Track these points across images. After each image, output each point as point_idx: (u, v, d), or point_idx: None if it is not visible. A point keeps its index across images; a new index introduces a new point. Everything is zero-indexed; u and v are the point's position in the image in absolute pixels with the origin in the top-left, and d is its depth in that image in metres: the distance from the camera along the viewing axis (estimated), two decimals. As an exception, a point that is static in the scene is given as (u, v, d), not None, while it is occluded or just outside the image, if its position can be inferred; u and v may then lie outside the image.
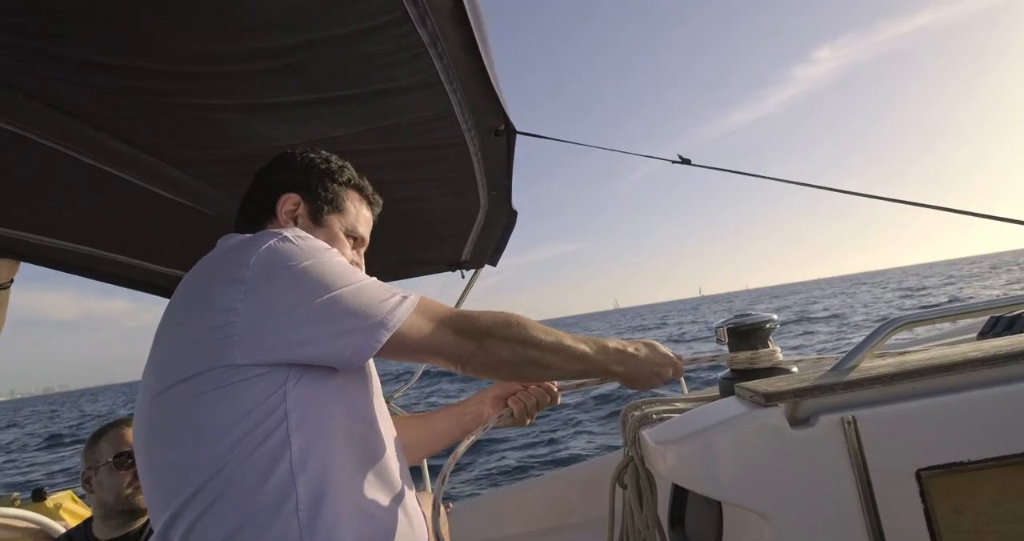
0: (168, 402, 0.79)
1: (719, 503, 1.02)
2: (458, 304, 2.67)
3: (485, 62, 1.08)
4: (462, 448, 1.07)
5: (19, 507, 1.86)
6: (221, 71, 1.02)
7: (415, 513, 0.94)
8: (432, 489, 1.44)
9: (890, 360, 0.87)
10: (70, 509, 2.71)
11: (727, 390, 1.02)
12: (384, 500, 0.87)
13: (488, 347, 0.89)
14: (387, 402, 2.80)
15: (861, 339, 0.85)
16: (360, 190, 1.10)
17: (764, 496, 0.74)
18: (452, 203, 1.88)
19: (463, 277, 2.62)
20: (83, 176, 1.28)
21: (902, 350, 1.03)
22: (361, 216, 1.09)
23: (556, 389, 1.22)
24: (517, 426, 1.20)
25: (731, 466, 0.76)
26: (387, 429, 0.96)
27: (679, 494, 1.35)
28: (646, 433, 1.01)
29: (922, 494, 0.70)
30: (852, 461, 0.71)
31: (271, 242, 0.83)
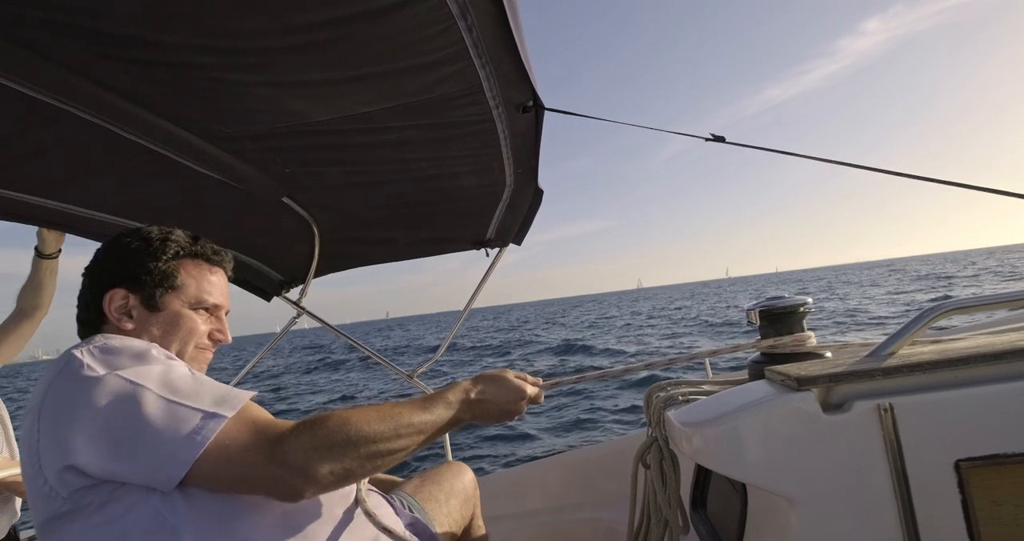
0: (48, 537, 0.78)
1: (744, 486, 1.01)
2: (482, 283, 2.67)
3: (515, 36, 1.06)
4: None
5: None
6: (254, 47, 1.03)
7: None
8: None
9: (931, 347, 0.84)
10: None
11: (757, 374, 1.00)
12: None
13: (314, 472, 0.75)
14: (411, 378, 2.79)
15: (901, 325, 0.82)
16: (195, 256, 1.00)
17: (792, 480, 0.73)
18: (478, 181, 1.86)
19: (487, 255, 2.62)
20: (123, 151, 1.32)
21: (941, 338, 0.99)
22: (205, 283, 0.99)
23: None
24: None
25: (759, 449, 0.75)
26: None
27: (702, 475, 1.34)
28: (671, 414, 1.00)
29: (960, 485, 0.68)
30: (887, 448, 0.70)
31: (64, 365, 0.79)
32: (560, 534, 1.97)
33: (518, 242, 2.56)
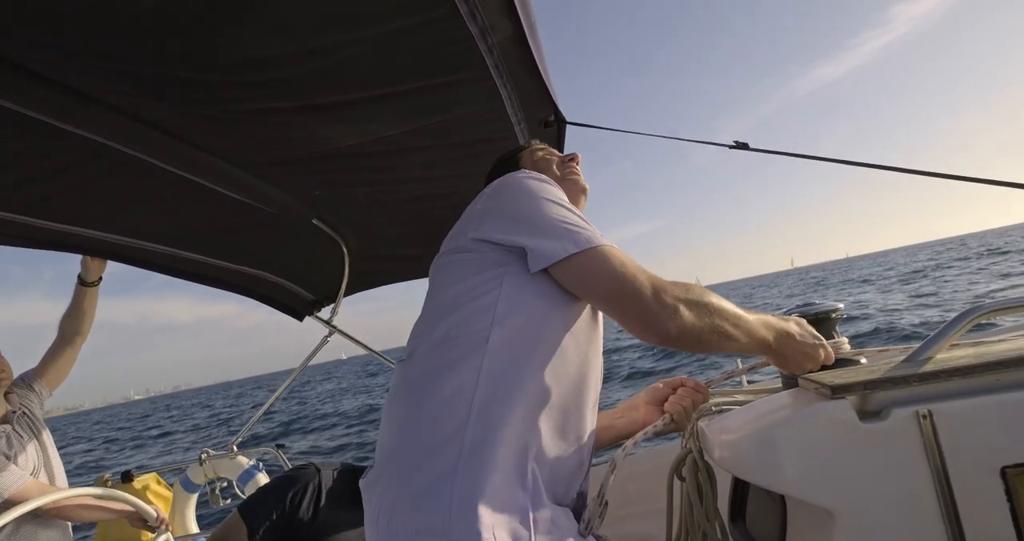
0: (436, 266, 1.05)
1: (782, 497, 1.00)
2: None
3: (534, 53, 1.08)
4: (621, 454, 0.99)
5: (111, 487, 2.00)
6: (280, 76, 1.07)
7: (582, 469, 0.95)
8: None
9: (969, 351, 0.82)
10: (155, 490, 2.92)
11: (790, 382, 0.99)
12: (559, 441, 0.88)
13: (681, 315, 0.85)
14: None
15: (937, 329, 0.80)
16: (532, 151, 1.31)
17: (831, 491, 0.71)
18: None
19: None
20: (161, 181, 1.38)
21: (982, 341, 0.96)
22: (542, 154, 1.29)
23: (705, 385, 1.15)
24: (677, 431, 1.14)
25: (796, 460, 0.74)
26: (591, 383, 0.95)
27: (740, 487, 1.32)
28: (705, 425, 0.99)
29: (1008, 492, 0.66)
30: (928, 457, 0.68)
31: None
32: None
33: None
